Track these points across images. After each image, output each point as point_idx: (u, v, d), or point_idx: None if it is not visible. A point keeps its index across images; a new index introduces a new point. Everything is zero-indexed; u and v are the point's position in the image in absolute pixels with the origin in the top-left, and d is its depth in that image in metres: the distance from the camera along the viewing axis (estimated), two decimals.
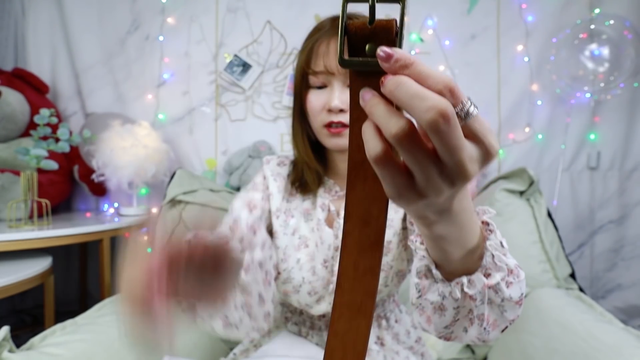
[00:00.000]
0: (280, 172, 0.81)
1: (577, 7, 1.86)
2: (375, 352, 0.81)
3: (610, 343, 0.87)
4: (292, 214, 0.79)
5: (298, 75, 0.72)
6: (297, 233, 0.78)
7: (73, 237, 1.41)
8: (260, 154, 1.86)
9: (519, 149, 1.91)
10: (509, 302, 0.46)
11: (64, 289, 2.04)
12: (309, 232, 0.78)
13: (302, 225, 0.78)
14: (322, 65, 0.68)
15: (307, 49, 0.70)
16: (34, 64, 1.98)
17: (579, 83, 1.73)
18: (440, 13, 1.91)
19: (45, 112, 1.50)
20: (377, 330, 0.83)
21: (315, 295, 0.77)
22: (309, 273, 0.76)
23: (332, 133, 0.70)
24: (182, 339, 1.13)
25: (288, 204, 0.80)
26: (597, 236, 1.94)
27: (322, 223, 0.78)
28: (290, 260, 0.77)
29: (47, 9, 1.97)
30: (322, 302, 0.78)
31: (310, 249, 0.77)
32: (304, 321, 0.85)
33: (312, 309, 0.78)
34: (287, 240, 0.77)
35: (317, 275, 0.76)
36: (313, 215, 0.79)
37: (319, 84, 0.70)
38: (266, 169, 0.82)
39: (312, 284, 0.76)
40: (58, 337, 0.87)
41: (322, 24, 0.72)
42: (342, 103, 0.68)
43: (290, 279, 0.76)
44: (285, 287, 0.77)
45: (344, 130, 0.70)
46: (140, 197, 1.95)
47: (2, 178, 1.55)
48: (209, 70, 1.95)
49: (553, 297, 1.19)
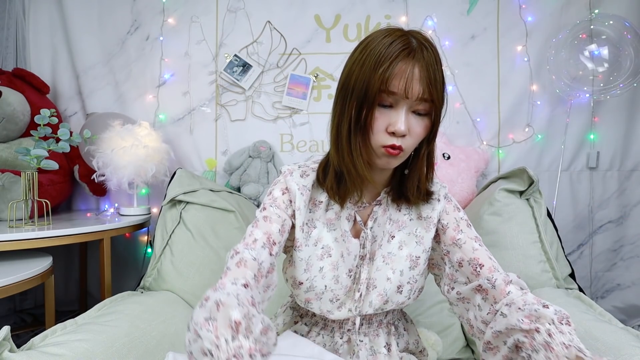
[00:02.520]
0: (305, 184, 0.78)
1: (576, 8, 1.86)
2: (383, 355, 0.82)
3: (610, 343, 0.87)
4: (314, 225, 0.79)
5: (373, 90, 0.66)
6: (319, 243, 0.78)
7: (73, 237, 1.41)
8: (260, 153, 1.86)
9: (519, 149, 1.91)
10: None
11: (64, 289, 2.04)
12: (332, 242, 0.79)
13: (325, 235, 0.79)
14: (401, 88, 0.65)
15: (388, 67, 0.65)
16: (34, 64, 1.98)
17: (578, 83, 1.73)
18: (440, 13, 1.91)
19: (45, 112, 1.50)
20: (386, 337, 0.86)
21: (337, 302, 0.79)
22: (331, 281, 0.77)
23: (390, 154, 0.69)
24: (183, 338, 1.13)
25: (311, 214, 0.79)
26: (596, 236, 1.94)
27: (348, 234, 0.79)
28: (313, 269, 0.77)
29: (47, 9, 1.98)
30: (342, 308, 0.80)
31: (334, 259, 0.78)
32: (316, 322, 0.86)
33: (333, 314, 0.79)
34: (310, 251, 0.78)
35: (340, 283, 0.78)
36: (336, 225, 0.80)
37: (387, 103, 0.68)
38: (290, 181, 0.77)
39: (335, 292, 0.78)
40: (58, 336, 0.87)
41: (400, 41, 0.66)
42: (406, 129, 0.67)
43: (312, 287, 0.77)
44: (308, 295, 0.78)
45: (400, 154, 0.69)
46: (141, 197, 1.96)
47: (3, 178, 1.55)
48: (209, 70, 1.95)
49: (553, 297, 1.19)
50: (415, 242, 0.80)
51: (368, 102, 0.67)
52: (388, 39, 0.67)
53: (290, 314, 0.91)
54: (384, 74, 0.65)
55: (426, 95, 0.67)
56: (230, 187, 1.87)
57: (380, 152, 0.70)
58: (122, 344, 0.93)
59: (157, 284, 1.38)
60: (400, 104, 0.67)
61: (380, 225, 0.81)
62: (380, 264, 0.79)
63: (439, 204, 0.81)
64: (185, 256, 1.40)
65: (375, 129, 0.69)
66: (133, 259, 2.02)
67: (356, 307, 0.79)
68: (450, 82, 1.91)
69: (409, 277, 0.79)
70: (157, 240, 1.45)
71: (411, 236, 0.81)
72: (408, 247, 0.80)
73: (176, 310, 1.23)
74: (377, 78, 0.65)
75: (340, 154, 0.72)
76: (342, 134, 0.71)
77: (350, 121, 0.70)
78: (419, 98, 0.67)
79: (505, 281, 0.69)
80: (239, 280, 0.60)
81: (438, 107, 0.69)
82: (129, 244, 2.02)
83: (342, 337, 0.83)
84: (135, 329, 1.00)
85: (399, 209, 0.82)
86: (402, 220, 0.81)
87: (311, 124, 1.95)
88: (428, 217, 0.81)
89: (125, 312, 1.06)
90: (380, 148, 0.69)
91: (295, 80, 1.93)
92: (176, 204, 1.49)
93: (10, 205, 1.44)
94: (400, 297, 0.80)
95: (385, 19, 1.89)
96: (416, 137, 0.70)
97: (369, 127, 0.69)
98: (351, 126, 0.70)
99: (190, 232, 1.43)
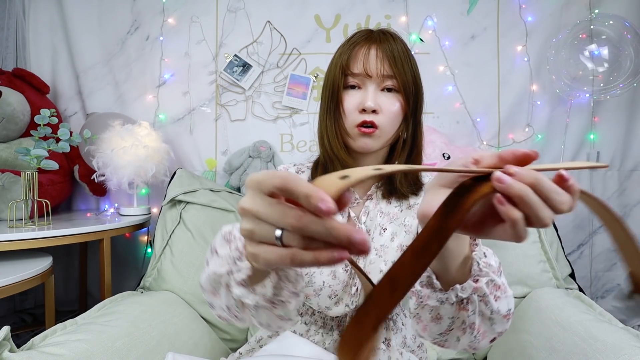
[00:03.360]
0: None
1: (576, 8, 1.86)
2: (381, 351, 0.83)
3: (610, 343, 0.87)
4: None
5: (336, 75, 0.75)
6: None
7: (73, 237, 1.41)
8: (260, 154, 1.86)
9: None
10: (498, 314, 0.53)
11: (64, 289, 2.04)
12: None
13: None
14: (360, 67, 0.73)
15: (347, 51, 0.74)
16: (34, 64, 1.98)
17: (578, 83, 1.73)
18: (440, 13, 1.91)
19: (45, 112, 1.50)
20: (384, 332, 0.86)
21: (335, 298, 0.79)
22: (329, 277, 0.78)
23: (364, 132, 0.73)
24: (183, 338, 1.13)
25: None
26: (596, 236, 1.94)
27: None
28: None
29: (47, 9, 1.98)
30: (340, 304, 0.80)
31: None
32: (315, 321, 0.86)
33: (331, 310, 0.80)
34: None
35: (337, 279, 0.78)
36: None
37: (353, 84, 0.75)
38: None
39: (333, 287, 0.78)
40: (58, 336, 0.87)
41: (360, 32, 0.77)
42: (375, 104, 0.72)
43: (311, 283, 0.78)
44: (306, 291, 0.79)
45: (375, 132, 0.73)
46: (141, 197, 1.96)
47: (3, 178, 1.55)
48: (209, 70, 1.95)
49: (553, 297, 1.19)
50: (405, 232, 0.81)
51: (334, 87, 0.75)
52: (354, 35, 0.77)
53: None
54: (343, 57, 0.74)
55: (387, 72, 0.72)
56: (230, 187, 1.87)
57: (354, 133, 0.74)
58: (122, 344, 0.93)
59: (157, 284, 1.38)
60: (366, 84, 0.74)
61: (372, 219, 0.81)
62: (373, 257, 0.80)
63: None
64: (185, 256, 1.40)
65: (347, 110, 0.74)
66: (133, 259, 2.02)
67: (352, 302, 0.79)
68: (450, 82, 1.91)
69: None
70: (157, 240, 1.45)
71: (401, 226, 0.81)
72: (398, 238, 0.80)
73: (176, 310, 1.23)
74: (339, 64, 0.74)
75: (322, 144, 0.78)
76: (321, 124, 0.78)
77: (325, 110, 0.77)
78: (381, 75, 0.73)
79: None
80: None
81: (402, 84, 0.73)
82: (129, 244, 2.02)
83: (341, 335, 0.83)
84: (135, 329, 1.00)
85: (389, 202, 0.83)
86: (393, 212, 0.82)
87: (311, 124, 1.94)
88: (415, 204, 0.82)
89: (125, 312, 1.06)
90: (354, 129, 0.74)
91: (295, 80, 1.93)
92: (176, 204, 1.49)
93: (10, 205, 1.44)
94: None
95: (385, 19, 1.90)
96: (390, 115, 0.74)
97: (341, 111, 0.75)
98: (326, 114, 0.77)
99: (190, 232, 1.43)
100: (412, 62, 0.75)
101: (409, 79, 0.74)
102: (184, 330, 1.16)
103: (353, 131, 0.74)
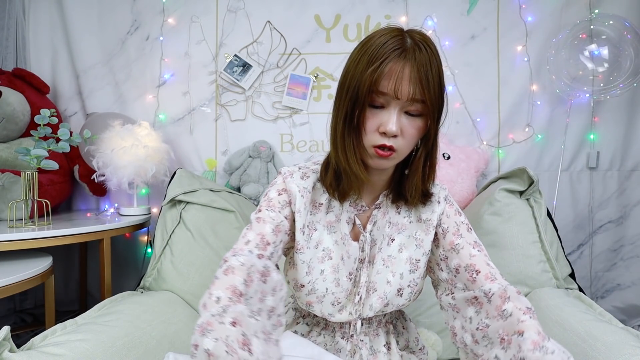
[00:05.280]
0: (305, 186, 0.77)
1: (576, 8, 1.86)
2: (383, 354, 0.83)
3: (610, 343, 0.87)
4: (315, 227, 0.79)
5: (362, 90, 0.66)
6: (320, 245, 0.78)
7: (73, 237, 1.41)
8: (260, 154, 1.86)
9: (519, 149, 1.91)
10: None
11: (64, 289, 2.04)
12: (332, 245, 0.78)
13: (326, 238, 0.79)
14: (390, 88, 0.65)
15: (378, 67, 0.65)
16: (34, 64, 1.98)
17: (578, 83, 1.73)
18: (440, 13, 1.91)
19: (45, 112, 1.50)
20: (386, 336, 0.86)
21: (338, 305, 0.79)
22: (332, 284, 0.77)
23: (381, 155, 0.69)
24: (183, 338, 1.13)
25: (312, 216, 0.79)
26: (596, 236, 1.94)
27: (348, 237, 0.79)
28: (314, 272, 0.77)
29: (47, 9, 1.98)
30: (343, 311, 0.80)
31: (334, 261, 0.78)
32: (317, 322, 0.86)
33: (334, 317, 0.80)
34: (311, 254, 0.77)
35: (341, 287, 0.78)
36: (337, 228, 0.79)
37: (378, 104, 0.68)
38: (291, 183, 0.76)
39: (336, 295, 0.78)
40: (58, 336, 0.87)
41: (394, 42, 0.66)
42: (397, 129, 0.67)
43: (314, 290, 0.77)
44: (309, 298, 0.78)
45: (392, 155, 0.69)
46: (141, 197, 1.96)
47: (3, 178, 1.55)
48: (209, 70, 1.95)
49: (553, 297, 1.19)
50: (415, 245, 0.80)
51: (359, 102, 0.67)
52: (383, 39, 0.66)
53: (292, 315, 0.91)
54: (374, 74, 0.65)
55: (417, 96, 0.66)
56: (230, 187, 1.87)
57: (371, 152, 0.70)
58: (122, 344, 0.93)
59: (157, 284, 1.38)
60: (391, 104, 0.67)
61: (379, 228, 0.81)
62: (380, 267, 0.79)
63: (439, 206, 0.81)
64: (185, 256, 1.40)
65: (367, 129, 0.69)
66: (133, 259, 2.02)
67: (356, 310, 0.79)
68: (450, 82, 1.91)
69: (409, 280, 0.79)
70: (157, 240, 1.45)
71: (411, 239, 0.80)
72: (408, 250, 0.80)
73: (176, 310, 1.23)
74: (367, 78, 0.65)
75: (336, 153, 0.73)
76: (337, 132, 0.72)
77: (344, 120, 0.70)
78: (410, 99, 0.66)
79: (503, 297, 0.67)
80: (225, 294, 0.57)
81: (432, 108, 0.68)
82: (129, 244, 2.02)
83: (343, 337, 0.83)
84: (135, 329, 1.00)
85: (399, 212, 0.82)
86: (402, 223, 0.81)
87: (311, 124, 1.95)
88: (428, 219, 0.80)
89: (125, 312, 1.06)
90: (371, 148, 0.69)
91: (295, 80, 1.93)
92: (176, 204, 1.49)
93: (10, 205, 1.44)
94: (401, 299, 0.80)
95: (385, 19, 1.89)
96: (409, 138, 0.70)
97: (362, 127, 0.69)
98: (345, 125, 0.70)
99: (190, 232, 1.43)
100: (442, 78, 0.69)
101: (437, 102, 0.69)
102: (184, 330, 1.16)
103: (370, 150, 0.70)
